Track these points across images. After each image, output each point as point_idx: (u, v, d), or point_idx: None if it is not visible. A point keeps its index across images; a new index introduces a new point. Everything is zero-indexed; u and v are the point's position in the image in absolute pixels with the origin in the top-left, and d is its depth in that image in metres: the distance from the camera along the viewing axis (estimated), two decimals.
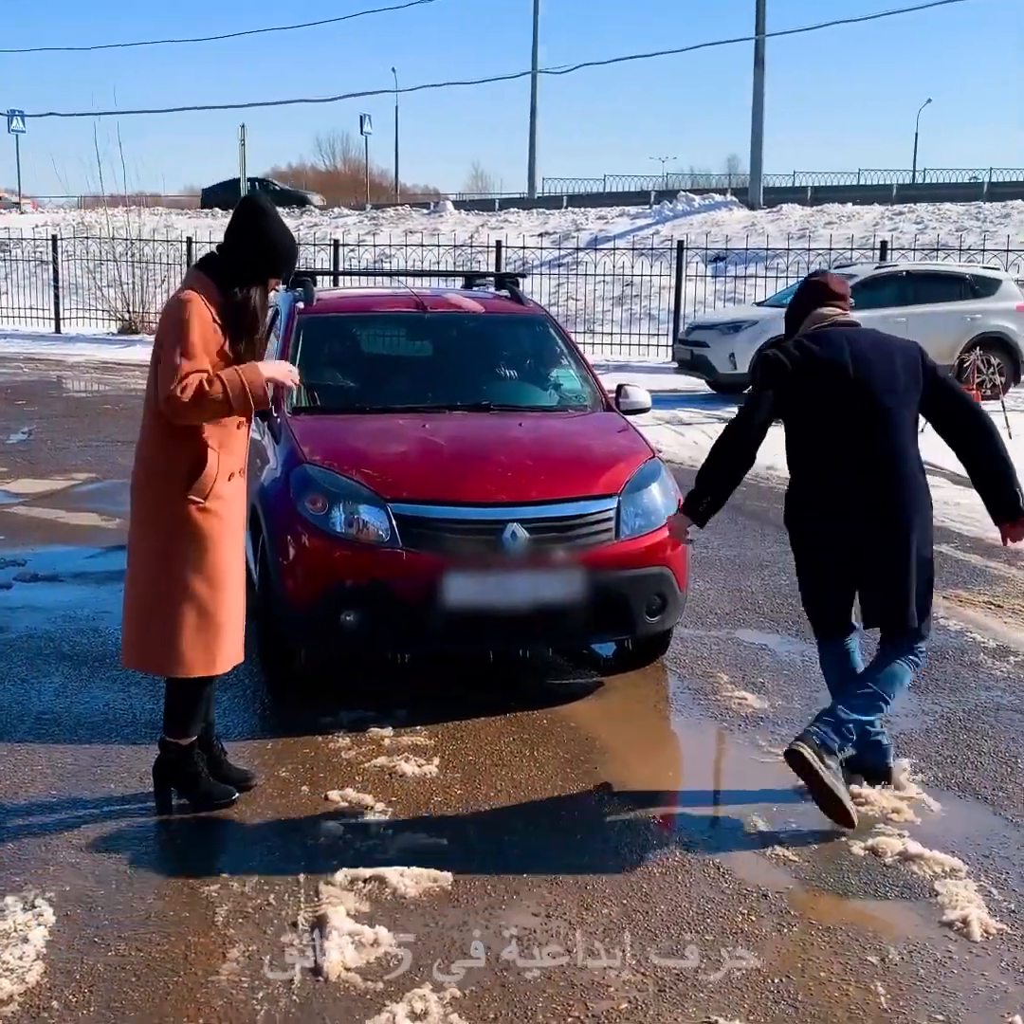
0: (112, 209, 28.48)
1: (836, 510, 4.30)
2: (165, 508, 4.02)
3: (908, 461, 4.29)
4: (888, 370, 4.29)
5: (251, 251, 4.03)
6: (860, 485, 4.26)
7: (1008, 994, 3.26)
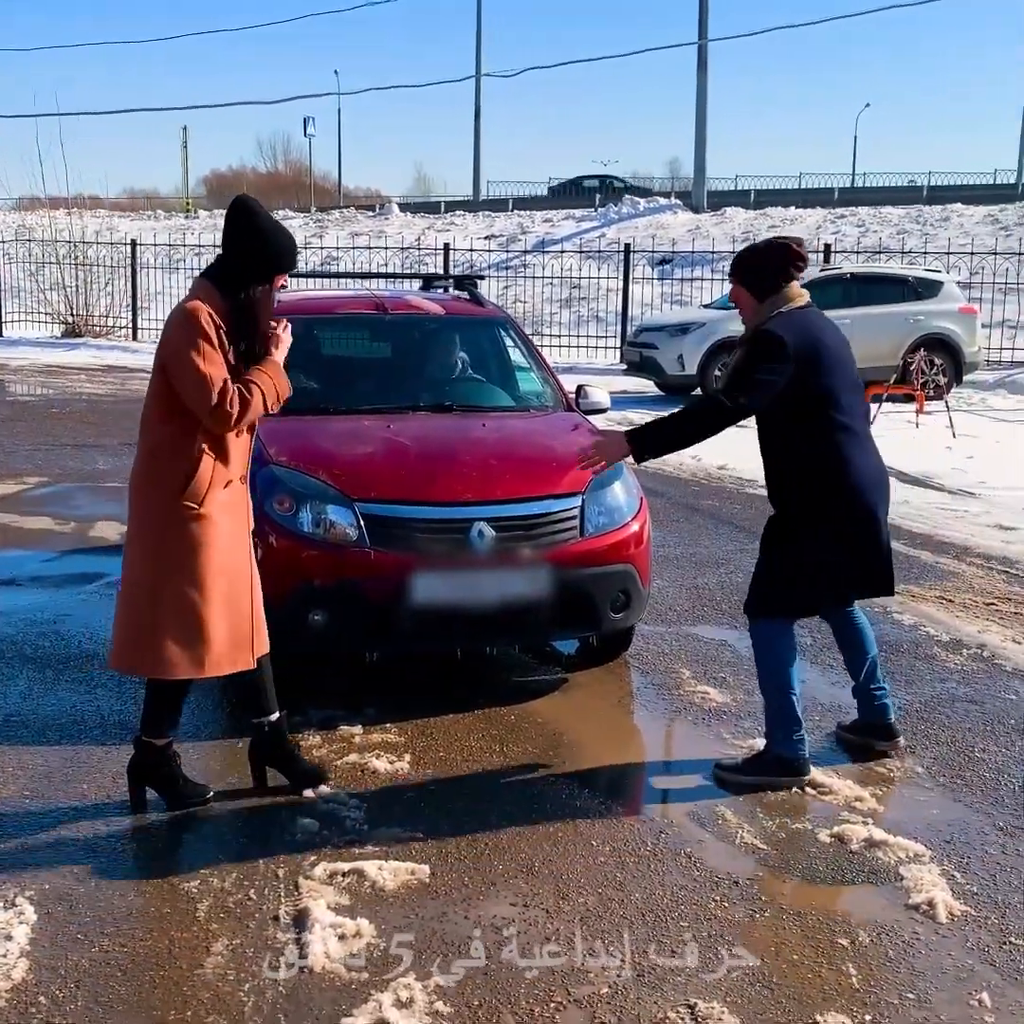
0: (54, 211, 28.19)
1: (867, 482, 4.43)
2: (159, 511, 4.03)
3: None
4: (845, 342, 4.62)
5: (249, 251, 4.02)
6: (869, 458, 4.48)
7: (974, 972, 3.37)
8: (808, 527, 4.45)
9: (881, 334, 16.13)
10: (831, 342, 4.47)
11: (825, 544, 4.43)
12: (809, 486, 4.42)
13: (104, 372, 20.29)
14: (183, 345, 3.94)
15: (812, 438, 4.40)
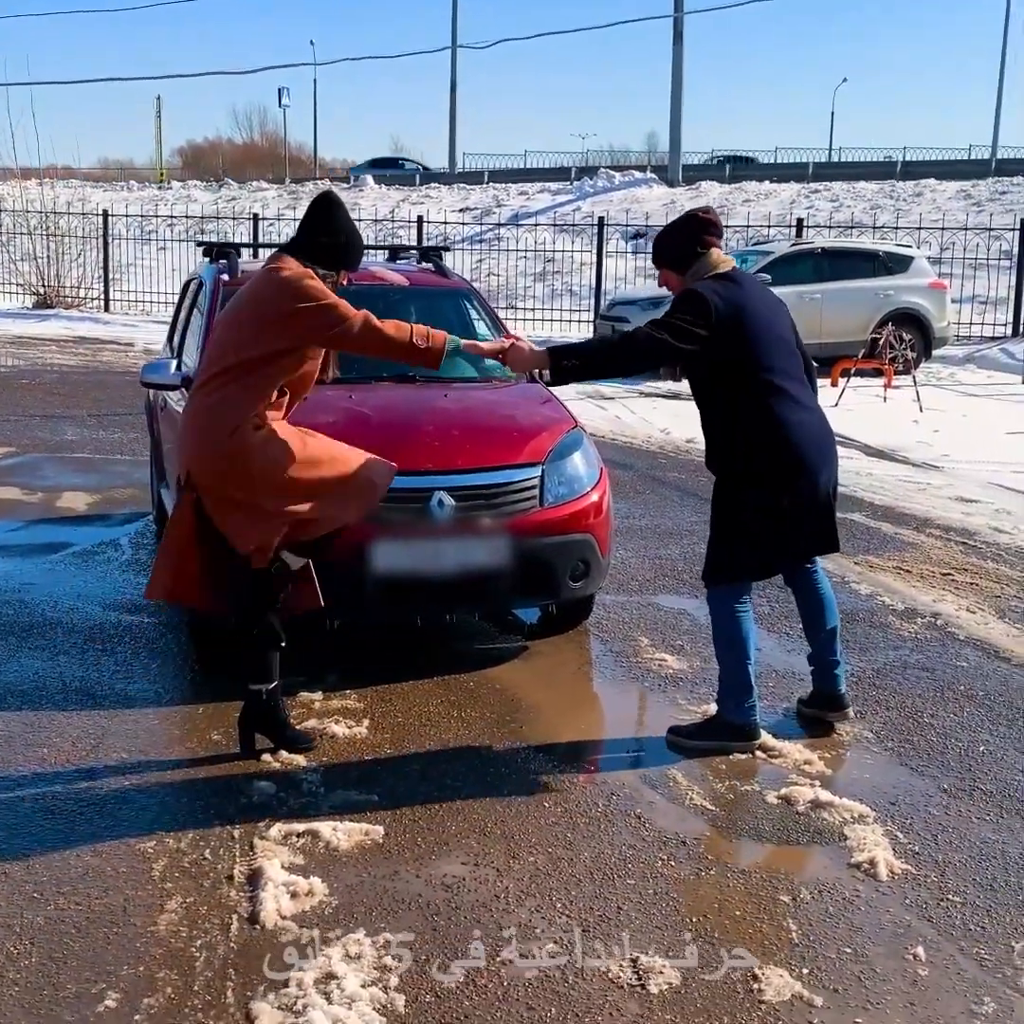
0: (25, 181, 27.99)
1: (803, 441, 4.49)
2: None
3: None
4: (779, 306, 4.70)
5: (328, 244, 4.29)
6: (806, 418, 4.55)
7: (911, 928, 3.46)
8: (746, 490, 4.51)
9: (851, 309, 16.23)
10: (758, 305, 4.52)
11: (764, 505, 4.48)
12: (744, 449, 4.48)
13: (75, 343, 20.20)
14: (301, 288, 4.15)
15: (744, 401, 4.45)
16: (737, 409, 4.47)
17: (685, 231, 4.59)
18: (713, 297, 4.37)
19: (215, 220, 28.25)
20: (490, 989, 3.12)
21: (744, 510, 4.54)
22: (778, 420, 4.44)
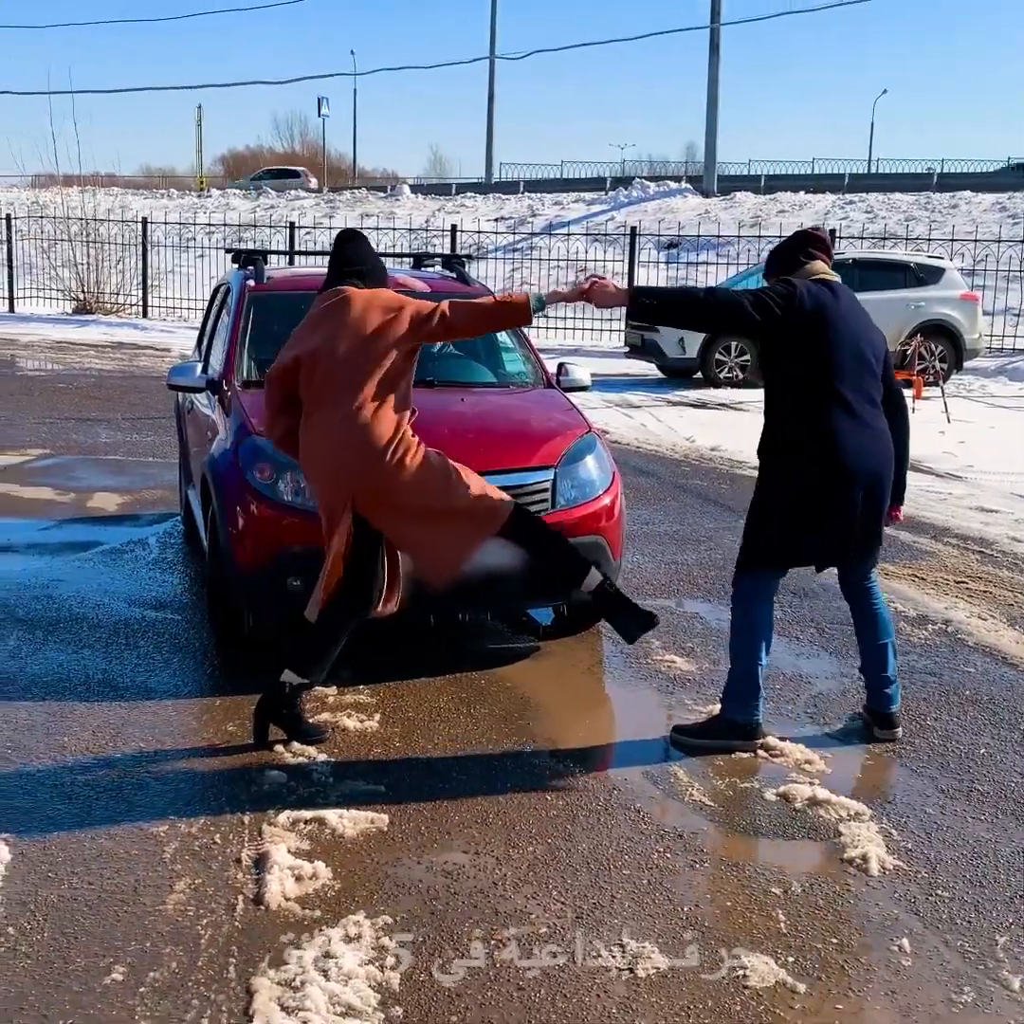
0: (67, 188, 28.42)
1: (850, 454, 4.53)
2: None
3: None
4: (873, 331, 4.72)
5: (378, 268, 4.90)
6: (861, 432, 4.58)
7: (898, 921, 3.54)
8: (781, 479, 4.59)
9: (881, 319, 15.98)
10: (845, 315, 4.57)
11: (793, 499, 4.56)
12: (792, 443, 4.56)
13: (113, 349, 20.50)
14: (395, 298, 4.63)
15: (806, 401, 4.52)
16: (797, 405, 4.54)
17: (793, 243, 4.78)
18: (801, 288, 4.49)
19: (253, 228, 28.56)
20: (483, 969, 3.23)
21: (772, 498, 4.62)
22: (829, 424, 4.49)
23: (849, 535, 4.66)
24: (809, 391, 4.53)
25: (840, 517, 4.60)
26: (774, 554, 4.74)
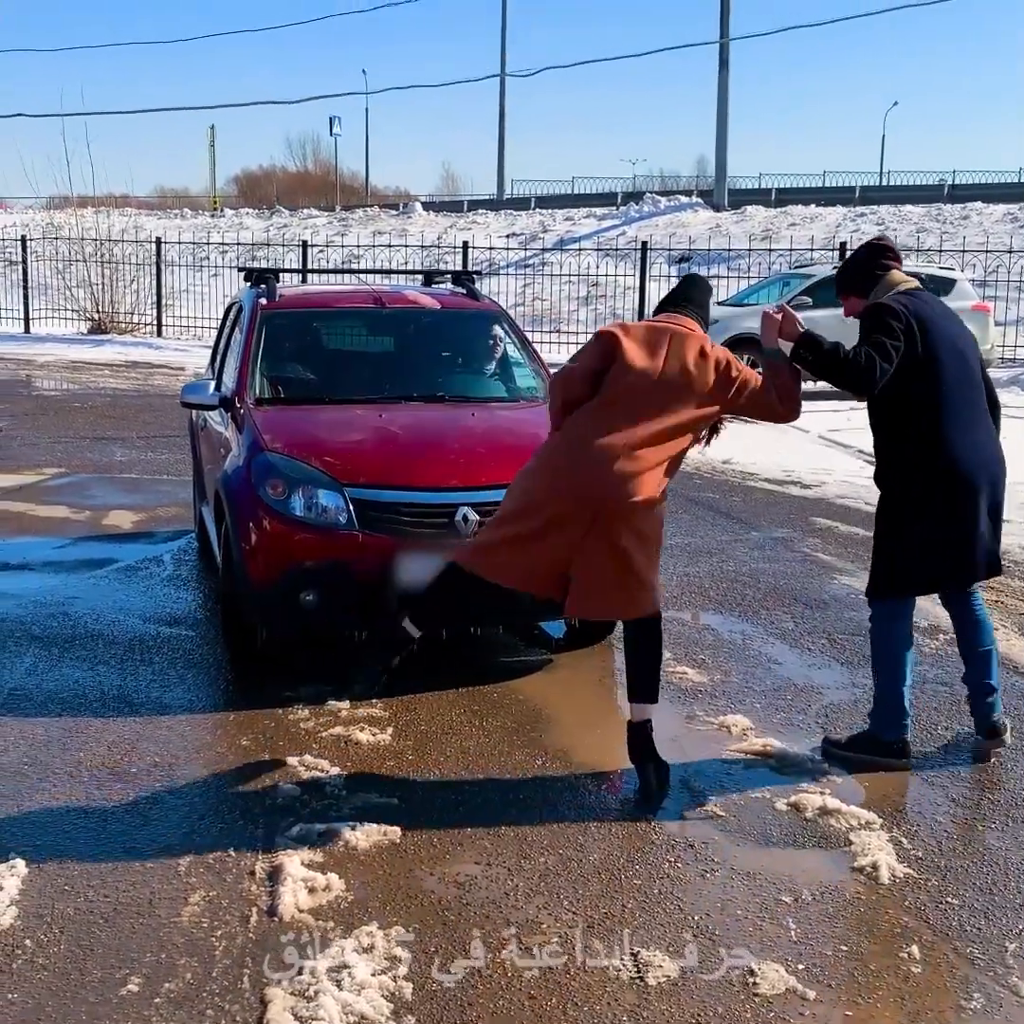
0: (81, 210, 28.59)
1: (966, 466, 4.51)
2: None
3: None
4: (965, 330, 4.72)
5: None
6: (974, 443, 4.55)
7: (908, 929, 3.55)
8: (903, 506, 4.57)
9: None
10: (942, 321, 4.58)
11: (918, 523, 4.54)
12: (907, 464, 4.54)
13: (128, 368, 20.61)
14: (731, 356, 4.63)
15: (914, 417, 4.50)
16: (905, 423, 4.52)
17: (862, 257, 4.78)
18: (899, 306, 4.48)
19: (266, 247, 28.71)
20: (494, 978, 3.26)
21: (897, 526, 4.60)
22: (942, 440, 4.47)
23: (979, 545, 4.61)
24: (922, 408, 4.49)
25: (970, 529, 4.55)
26: (907, 584, 4.70)
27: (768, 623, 6.49)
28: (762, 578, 7.38)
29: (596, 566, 4.37)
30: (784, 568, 7.65)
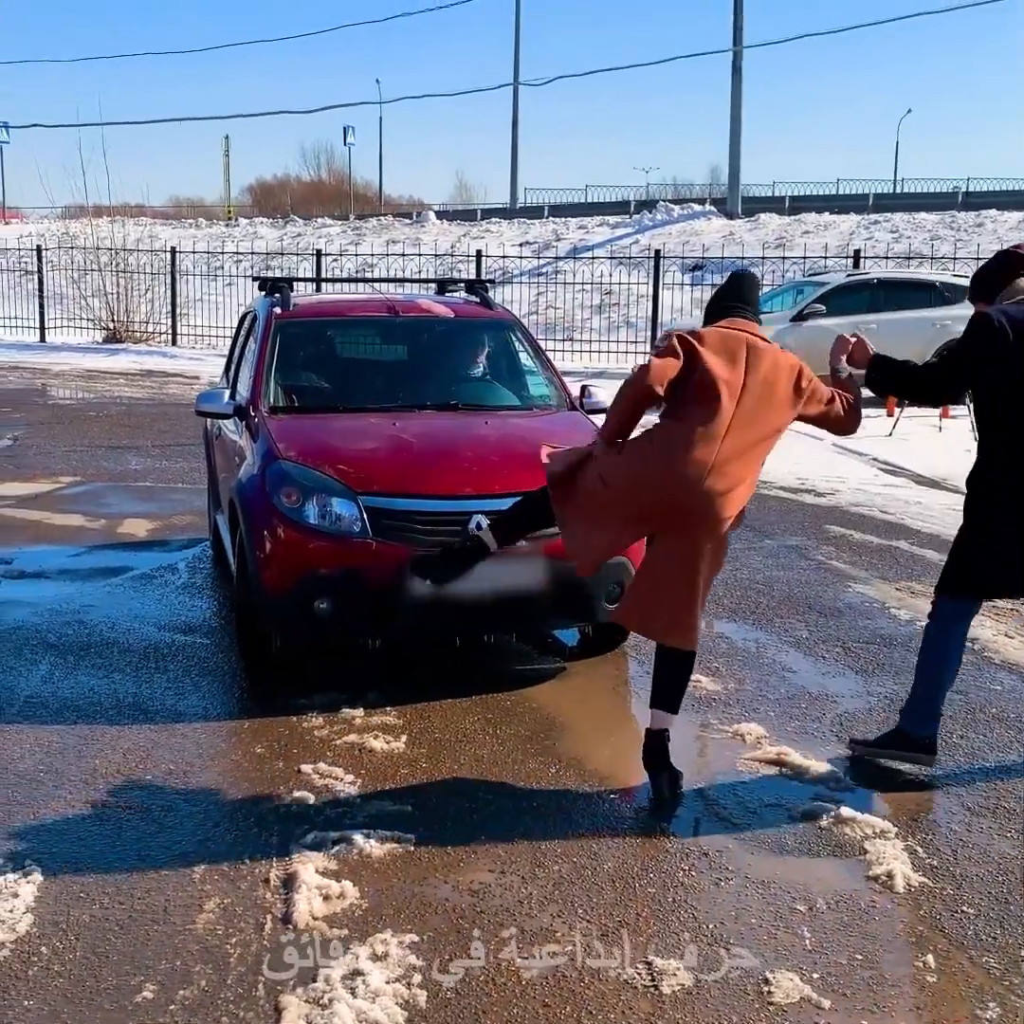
0: (96, 219, 28.71)
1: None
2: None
3: None
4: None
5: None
6: None
7: (923, 938, 3.55)
8: (992, 508, 4.53)
9: (907, 339, 16.20)
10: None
11: (988, 525, 4.52)
12: (999, 466, 4.51)
13: (143, 377, 20.68)
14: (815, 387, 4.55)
15: (1005, 421, 4.46)
16: (1000, 425, 4.49)
17: (993, 266, 4.73)
18: (997, 314, 4.43)
19: (280, 256, 28.79)
20: (508, 987, 3.26)
21: (969, 524, 4.59)
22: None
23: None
24: (1009, 412, 4.45)
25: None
26: (991, 583, 4.67)
27: (782, 631, 6.48)
28: (776, 586, 7.37)
29: (662, 584, 4.40)
30: (798, 576, 7.64)
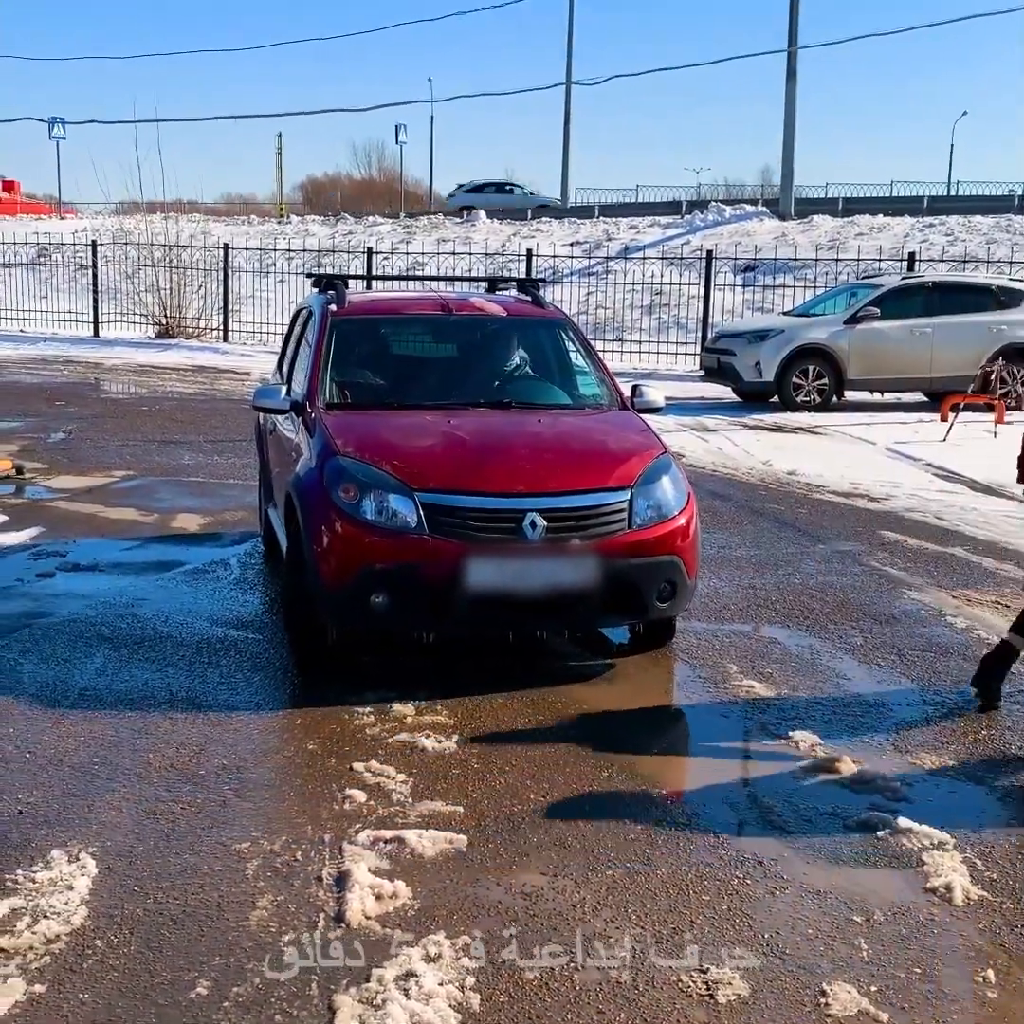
0: (151, 216, 28.94)
1: None
2: None
3: None
4: None
5: None
6: None
7: (983, 952, 3.49)
8: None
9: (962, 343, 16.06)
10: None
11: None
12: None
13: (195, 372, 20.83)
14: None
15: None
16: None
17: None
18: None
19: (331, 254, 28.89)
20: (563, 992, 3.23)
21: None
22: None
23: None
24: None
25: None
26: None
27: (836, 637, 6.41)
28: (829, 592, 7.30)
29: None
30: (852, 582, 7.56)
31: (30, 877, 3.77)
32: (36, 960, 3.35)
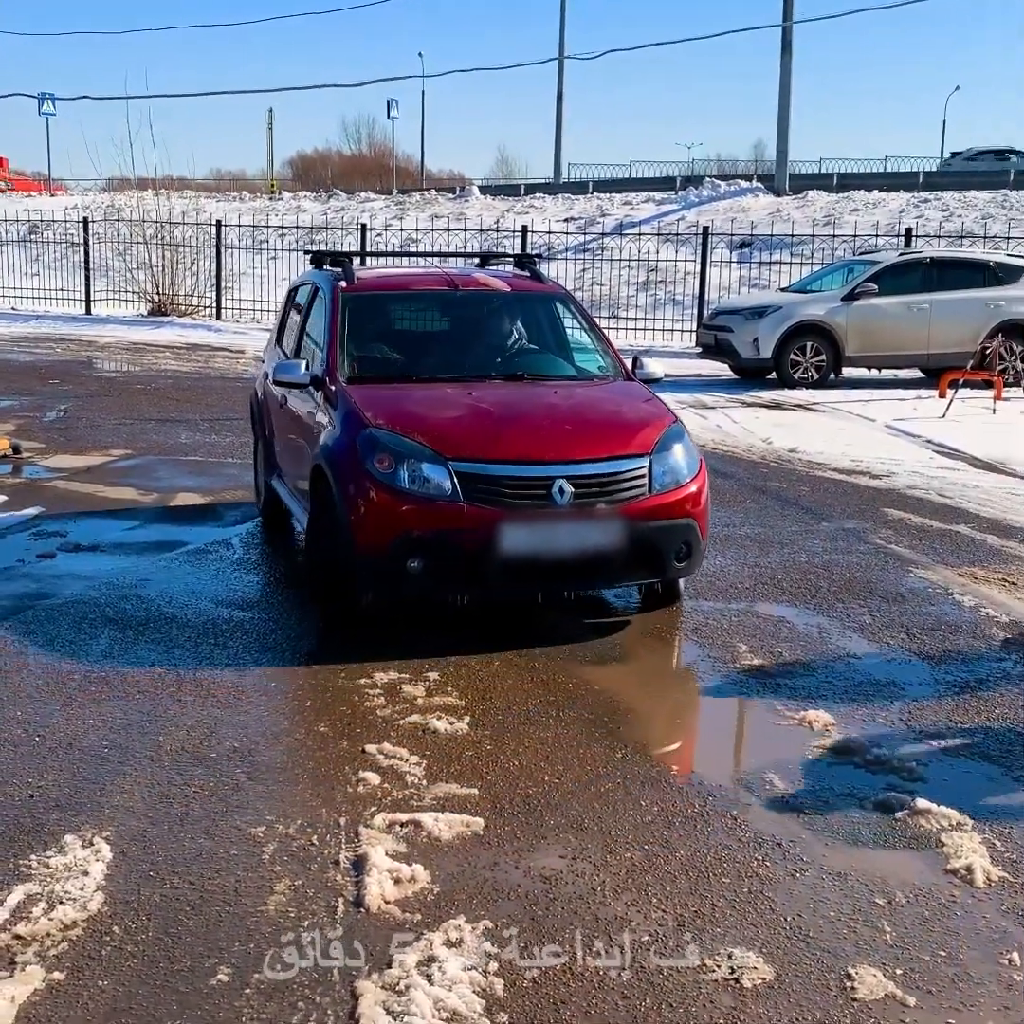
0: (142, 192, 28.73)
1: None
2: None
3: None
4: None
5: None
6: None
7: (1007, 934, 3.47)
8: None
9: (960, 319, 16.01)
10: None
11: None
12: None
13: (189, 350, 20.71)
14: None
15: None
16: None
17: None
18: None
19: (324, 230, 28.75)
20: (586, 976, 3.21)
21: None
22: None
23: None
24: None
25: None
26: None
27: (844, 616, 6.39)
28: (836, 570, 7.27)
29: None
30: (858, 560, 7.53)
31: (44, 862, 3.73)
32: (54, 947, 3.32)
